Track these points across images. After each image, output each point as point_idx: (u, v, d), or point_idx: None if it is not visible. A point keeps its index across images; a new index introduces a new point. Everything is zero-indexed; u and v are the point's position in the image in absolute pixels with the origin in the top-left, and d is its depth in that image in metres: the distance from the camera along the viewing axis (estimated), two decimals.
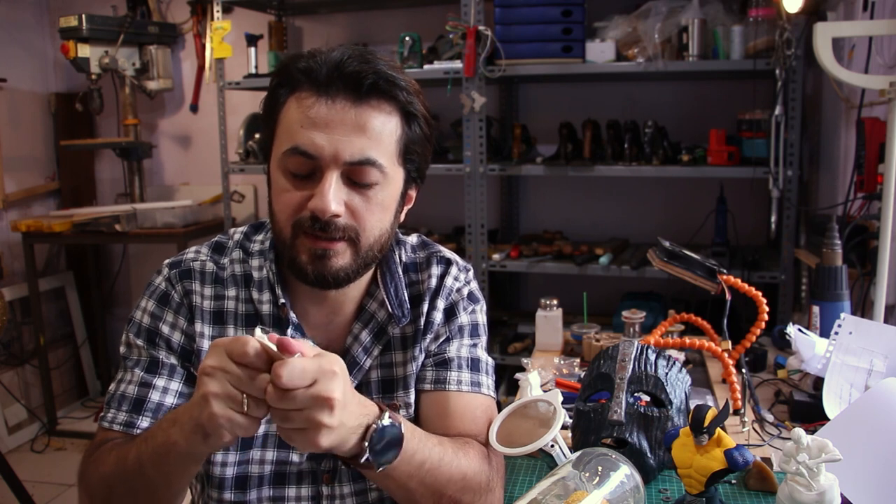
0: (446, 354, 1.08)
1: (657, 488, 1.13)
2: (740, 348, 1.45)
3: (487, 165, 2.81)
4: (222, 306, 1.04)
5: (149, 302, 1.04)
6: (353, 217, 0.96)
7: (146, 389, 1.00)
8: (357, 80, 0.93)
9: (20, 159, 3.68)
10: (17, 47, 3.71)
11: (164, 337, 1.03)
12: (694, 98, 3.03)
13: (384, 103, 0.96)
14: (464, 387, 1.06)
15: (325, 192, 0.93)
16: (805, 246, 2.43)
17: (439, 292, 1.10)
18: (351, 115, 0.94)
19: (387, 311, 1.06)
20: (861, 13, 2.11)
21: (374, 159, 0.95)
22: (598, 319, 1.98)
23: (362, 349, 1.06)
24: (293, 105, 0.96)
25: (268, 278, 1.04)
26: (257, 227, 1.11)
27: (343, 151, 0.93)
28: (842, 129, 2.36)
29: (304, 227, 0.95)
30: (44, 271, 3.76)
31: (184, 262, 1.06)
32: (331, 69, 0.94)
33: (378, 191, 0.97)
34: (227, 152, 3.18)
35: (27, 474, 2.87)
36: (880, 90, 1.53)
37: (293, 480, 1.05)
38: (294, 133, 0.94)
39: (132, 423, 0.99)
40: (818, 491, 0.86)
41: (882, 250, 1.57)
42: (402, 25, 3.13)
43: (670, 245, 1.47)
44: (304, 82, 0.95)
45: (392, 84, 0.95)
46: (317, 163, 0.94)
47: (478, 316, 1.13)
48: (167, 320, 1.03)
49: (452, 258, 1.14)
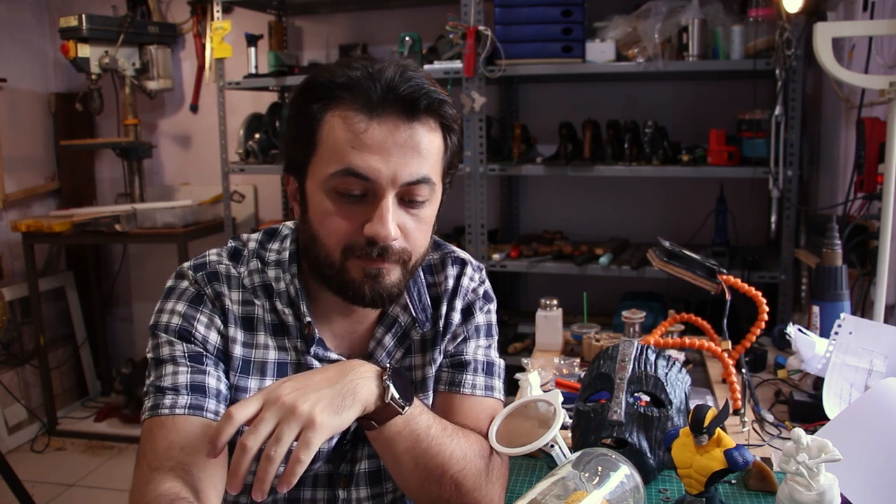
0: (463, 357, 1.08)
1: (657, 488, 1.12)
2: (740, 348, 1.45)
3: (487, 165, 2.81)
4: (251, 312, 1.02)
5: (177, 304, 0.99)
6: (405, 238, 0.95)
7: (201, 376, 0.95)
8: (412, 100, 0.91)
9: (20, 159, 3.68)
10: (17, 47, 3.71)
11: (200, 337, 0.98)
12: (694, 98, 3.03)
13: (432, 121, 0.95)
14: (477, 391, 1.07)
15: (385, 217, 0.91)
16: (805, 246, 2.43)
17: (457, 293, 1.10)
18: (404, 136, 0.91)
19: (410, 315, 1.06)
20: (861, 13, 2.11)
21: (429, 177, 0.94)
22: (598, 319, 1.98)
23: (385, 354, 1.06)
24: (338, 123, 0.92)
25: (288, 292, 1.02)
26: (271, 235, 1.08)
27: (401, 174, 0.91)
28: (842, 129, 2.36)
29: (357, 252, 0.94)
30: (44, 271, 3.76)
31: (209, 264, 1.03)
32: (384, 88, 0.90)
33: (426, 208, 0.97)
34: (227, 152, 3.18)
35: (27, 474, 2.87)
36: (880, 90, 1.53)
37: (308, 483, 1.05)
38: (345, 154, 0.91)
39: (200, 406, 0.93)
40: (818, 491, 0.86)
41: (882, 250, 1.57)
42: (402, 25, 3.13)
43: (670, 245, 1.47)
44: (349, 99, 0.91)
45: (443, 103, 0.94)
46: (371, 185, 0.91)
47: (492, 315, 1.14)
48: (202, 321, 0.99)
49: (466, 258, 1.14)
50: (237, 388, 1.00)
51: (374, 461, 1.06)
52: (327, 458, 1.05)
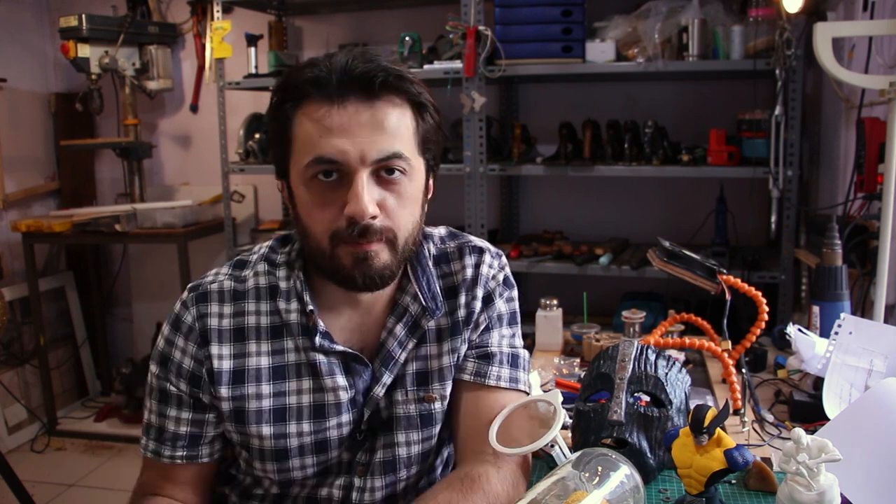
0: (489, 348, 1.10)
1: (657, 488, 1.12)
2: (740, 348, 1.45)
3: (487, 165, 2.81)
4: (242, 322, 1.05)
5: (166, 327, 1.06)
6: (388, 217, 0.97)
7: (163, 419, 1.05)
8: (367, 79, 0.94)
9: (20, 159, 3.68)
10: (17, 47, 3.70)
11: (176, 363, 1.04)
12: (694, 98, 3.03)
13: (395, 98, 0.97)
14: (502, 382, 1.09)
15: (360, 195, 0.93)
16: (805, 246, 2.43)
17: (476, 281, 1.11)
18: (367, 115, 0.94)
19: (420, 304, 1.07)
20: (861, 13, 2.11)
21: (400, 152, 0.96)
22: (598, 319, 1.98)
23: (397, 343, 1.07)
24: (305, 118, 0.96)
25: (295, 288, 1.04)
26: (283, 241, 1.11)
27: (369, 151, 0.94)
28: (842, 129, 2.36)
29: (343, 237, 0.96)
30: (44, 271, 3.76)
31: (202, 285, 1.07)
32: (339, 74, 0.94)
33: (406, 184, 0.98)
34: (227, 152, 3.18)
35: (27, 474, 2.87)
36: (880, 90, 1.53)
37: (333, 471, 1.08)
38: (314, 144, 0.94)
39: (159, 453, 1.05)
40: (818, 491, 0.86)
41: (882, 250, 1.57)
42: (402, 25, 3.13)
43: (670, 245, 1.47)
44: (311, 93, 0.95)
45: (401, 78, 0.96)
46: (342, 167, 0.94)
47: (515, 303, 1.15)
48: (178, 345, 1.04)
49: (484, 246, 1.15)
50: (234, 398, 1.03)
51: (390, 451, 1.08)
52: (347, 447, 1.07)
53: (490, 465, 1.03)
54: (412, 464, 1.09)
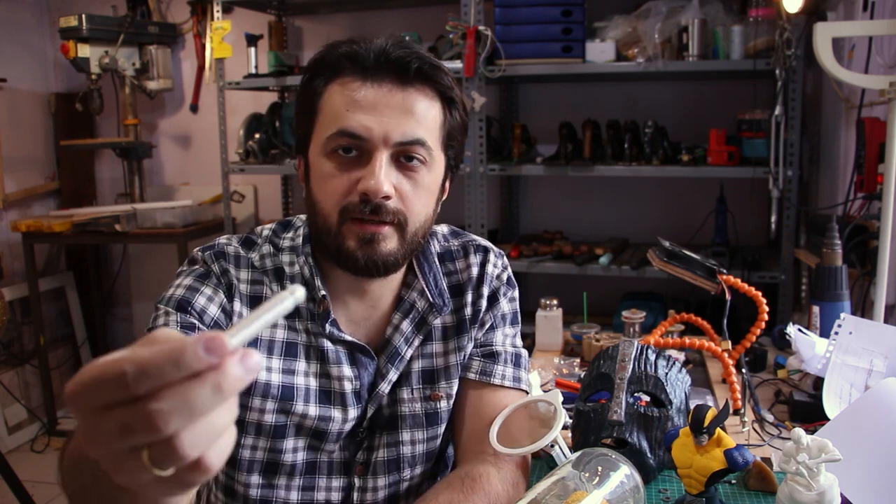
0: (493, 347, 1.11)
1: (657, 488, 1.12)
2: (740, 348, 1.45)
3: (487, 165, 2.81)
4: (260, 291, 1.02)
5: (185, 279, 1.00)
6: (401, 201, 0.96)
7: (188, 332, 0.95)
8: (403, 64, 0.95)
9: (20, 159, 3.68)
10: (17, 47, 3.70)
11: (198, 309, 0.98)
12: (694, 98, 3.03)
13: (427, 88, 0.98)
14: (506, 381, 1.10)
15: (377, 172, 0.93)
16: (805, 246, 2.43)
17: (482, 280, 1.11)
18: (398, 97, 0.95)
19: (427, 300, 1.07)
20: (861, 13, 2.11)
21: (423, 139, 0.96)
22: (598, 319, 1.99)
23: (403, 339, 1.06)
24: (336, 91, 0.96)
25: (302, 273, 1.03)
26: (285, 225, 1.10)
27: (393, 132, 0.94)
28: (842, 129, 2.36)
29: (353, 212, 0.95)
30: (44, 271, 3.76)
31: (217, 245, 1.05)
32: (377, 54, 0.95)
33: (425, 174, 0.98)
34: (227, 152, 3.18)
35: (27, 474, 2.87)
36: (880, 90, 1.53)
37: (324, 470, 1.06)
38: (340, 116, 0.95)
39: None
40: (818, 491, 0.86)
41: (882, 250, 1.57)
42: (402, 25, 3.13)
43: (670, 245, 1.47)
44: (346, 68, 0.96)
45: (436, 69, 0.98)
46: (365, 144, 0.94)
47: (516, 303, 1.16)
48: (205, 293, 0.99)
49: (489, 246, 1.16)
50: None
51: (393, 450, 1.07)
52: (343, 445, 1.05)
53: (490, 465, 1.03)
54: (416, 463, 1.09)
